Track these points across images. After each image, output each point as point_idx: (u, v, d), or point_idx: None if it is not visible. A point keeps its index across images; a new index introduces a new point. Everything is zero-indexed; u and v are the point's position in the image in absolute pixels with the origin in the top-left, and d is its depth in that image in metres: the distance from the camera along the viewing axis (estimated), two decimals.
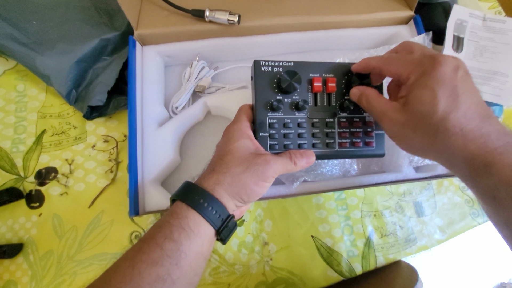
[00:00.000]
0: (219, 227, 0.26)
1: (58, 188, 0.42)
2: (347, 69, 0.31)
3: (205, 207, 0.25)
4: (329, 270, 0.41)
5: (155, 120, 0.40)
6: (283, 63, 0.30)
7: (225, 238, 0.26)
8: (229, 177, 0.26)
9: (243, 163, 0.26)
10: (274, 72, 0.30)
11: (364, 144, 0.31)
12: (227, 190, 0.26)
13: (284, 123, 0.30)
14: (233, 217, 0.27)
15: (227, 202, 0.26)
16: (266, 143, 0.30)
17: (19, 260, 0.40)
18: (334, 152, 0.31)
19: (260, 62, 0.30)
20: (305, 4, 0.44)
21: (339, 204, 0.43)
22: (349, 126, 0.31)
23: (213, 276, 0.40)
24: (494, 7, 0.56)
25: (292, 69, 0.30)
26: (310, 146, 0.30)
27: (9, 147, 0.44)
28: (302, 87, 0.30)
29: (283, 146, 0.30)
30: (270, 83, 0.30)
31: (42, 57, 0.41)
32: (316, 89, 0.30)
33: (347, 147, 0.31)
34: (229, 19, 0.40)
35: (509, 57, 0.44)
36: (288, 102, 0.30)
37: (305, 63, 0.30)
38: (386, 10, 0.44)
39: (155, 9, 0.43)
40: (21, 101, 0.46)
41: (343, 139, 0.31)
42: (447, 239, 0.43)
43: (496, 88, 0.43)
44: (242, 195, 0.27)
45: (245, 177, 0.26)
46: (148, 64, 0.42)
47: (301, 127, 0.30)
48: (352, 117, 0.31)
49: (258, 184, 0.26)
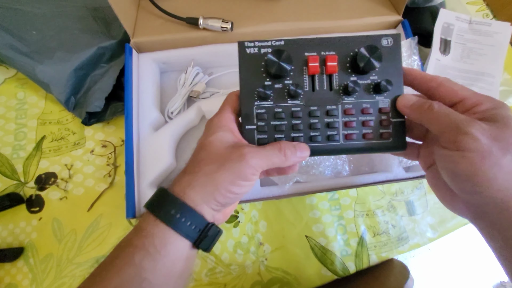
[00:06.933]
0: (195, 239, 0.22)
1: (57, 192, 0.43)
2: (351, 44, 0.25)
3: (177, 218, 0.21)
4: (323, 269, 0.41)
5: (151, 125, 0.41)
6: (272, 43, 0.25)
7: (207, 247, 0.23)
8: (201, 177, 0.22)
9: (218, 159, 0.23)
10: (261, 54, 0.25)
11: (378, 136, 0.26)
12: (199, 193, 0.22)
13: (274, 114, 0.25)
14: (213, 224, 0.23)
15: (202, 209, 0.22)
16: (253, 137, 0.26)
17: (19, 263, 0.41)
18: (338, 146, 0.26)
19: (245, 43, 0.25)
20: (296, 10, 0.46)
21: (332, 204, 0.44)
22: (356, 114, 0.25)
23: (210, 277, 0.41)
24: (481, 9, 0.57)
25: (282, 48, 0.25)
26: (307, 140, 0.26)
27: (10, 153, 0.45)
28: (296, 70, 0.25)
29: (274, 140, 0.26)
30: (257, 67, 0.25)
31: (42, 65, 0.42)
32: (312, 70, 0.25)
33: (354, 139, 0.26)
34: (222, 27, 0.42)
35: (495, 58, 0.45)
36: (279, 87, 0.25)
37: (299, 40, 0.25)
38: (375, 15, 0.45)
39: (150, 17, 0.45)
40: (21, 108, 0.47)
41: (349, 130, 0.26)
42: (438, 237, 0.44)
43: (483, 89, 0.44)
44: (217, 198, 0.22)
45: (219, 176, 0.22)
46: (144, 70, 0.43)
47: (295, 117, 0.25)
48: (361, 102, 0.25)
49: (235, 184, 0.22)
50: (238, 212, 0.43)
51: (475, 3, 0.57)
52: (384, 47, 0.25)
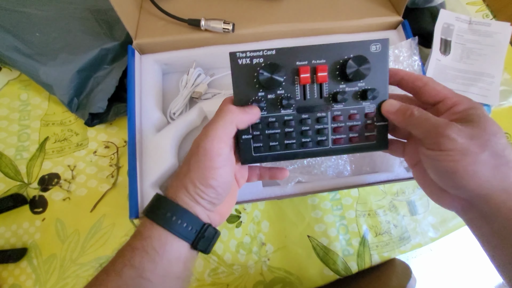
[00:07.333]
0: (193, 240, 0.23)
1: (60, 193, 0.44)
2: (341, 51, 0.26)
3: (173, 221, 0.22)
4: (325, 269, 0.42)
5: (153, 126, 0.41)
6: (263, 53, 0.25)
7: (205, 249, 0.24)
8: (184, 178, 0.23)
9: (189, 158, 0.24)
10: (254, 65, 0.25)
11: (363, 139, 0.28)
12: (187, 194, 0.23)
13: (268, 123, 0.27)
14: (209, 225, 0.24)
15: (196, 209, 0.23)
16: (250, 146, 0.27)
17: (23, 264, 0.41)
18: (327, 150, 0.28)
19: (236, 54, 0.25)
20: (296, 12, 0.46)
21: (334, 204, 0.44)
22: (344, 120, 0.27)
23: (212, 277, 0.41)
24: (481, 10, 0.57)
25: (273, 59, 0.25)
26: (299, 146, 0.28)
27: (13, 155, 0.45)
28: (288, 79, 0.26)
29: (269, 148, 0.27)
30: (249, 78, 0.26)
31: (45, 67, 0.43)
32: (303, 81, 0.26)
33: (342, 143, 0.28)
34: (224, 28, 0.42)
35: (494, 58, 0.46)
36: (272, 98, 0.26)
37: (290, 49, 0.26)
38: (375, 15, 0.46)
39: (152, 19, 0.45)
40: (25, 109, 0.48)
41: (337, 135, 0.28)
42: (440, 237, 0.44)
43: (483, 89, 0.45)
44: (201, 194, 0.23)
45: (192, 172, 0.23)
46: (147, 72, 0.43)
47: (288, 125, 0.27)
48: (349, 108, 0.27)
49: (209, 170, 0.23)
50: (240, 212, 0.43)
51: (475, 3, 0.58)
52: (373, 53, 0.26)
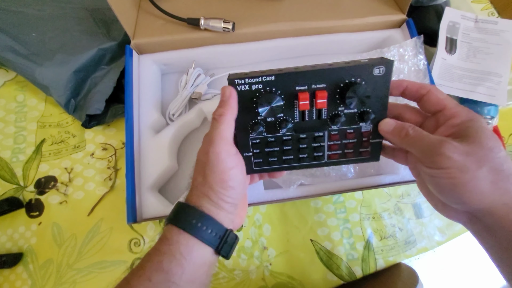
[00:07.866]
0: (217, 245, 0.24)
1: (57, 196, 0.43)
2: (340, 76, 0.25)
3: (198, 227, 0.23)
4: (328, 274, 0.40)
5: (152, 127, 0.40)
6: (262, 79, 0.25)
7: (227, 254, 0.25)
8: (203, 186, 0.25)
9: (203, 166, 0.25)
10: (253, 90, 0.26)
11: (357, 154, 0.29)
12: (209, 202, 0.24)
13: (267, 143, 0.28)
14: (231, 231, 0.25)
15: (219, 215, 0.24)
16: (250, 162, 0.29)
17: (19, 269, 0.40)
18: (322, 164, 0.29)
19: (235, 81, 0.25)
20: (298, 10, 0.45)
21: (337, 207, 0.43)
22: (340, 138, 0.28)
23: (213, 283, 0.40)
24: (486, 8, 0.56)
25: (273, 85, 0.25)
26: (296, 161, 0.29)
27: (9, 157, 0.44)
28: (287, 104, 0.26)
29: (268, 163, 0.29)
30: (249, 103, 0.26)
31: (41, 68, 0.42)
32: (302, 107, 0.26)
33: (337, 158, 0.29)
34: (223, 27, 0.41)
35: (502, 57, 0.45)
36: (272, 120, 0.27)
37: (289, 74, 0.25)
38: (378, 14, 0.45)
39: (151, 18, 0.44)
40: (21, 111, 0.47)
41: (333, 151, 0.29)
42: (447, 241, 0.43)
43: (491, 89, 0.43)
44: (222, 197, 0.24)
45: (210, 178, 0.24)
46: (145, 72, 0.42)
47: (287, 144, 0.28)
48: (345, 129, 0.28)
49: (225, 172, 0.24)
50: None
51: (480, 1, 0.57)
52: (375, 76, 0.25)
